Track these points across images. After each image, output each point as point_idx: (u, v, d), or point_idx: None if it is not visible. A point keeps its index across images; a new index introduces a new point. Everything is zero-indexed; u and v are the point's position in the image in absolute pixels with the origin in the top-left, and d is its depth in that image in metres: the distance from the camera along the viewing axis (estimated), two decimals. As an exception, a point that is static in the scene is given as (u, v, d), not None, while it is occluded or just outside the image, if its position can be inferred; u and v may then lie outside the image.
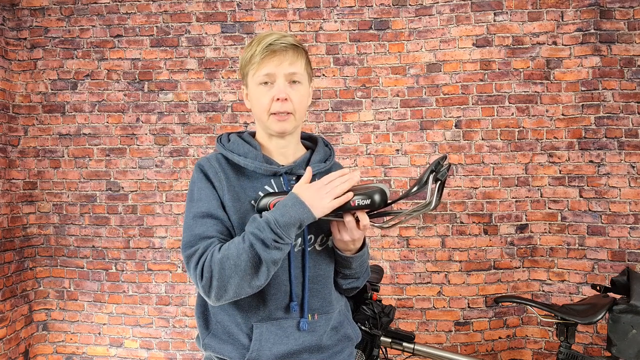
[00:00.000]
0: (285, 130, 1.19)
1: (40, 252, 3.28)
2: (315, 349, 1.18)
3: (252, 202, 1.17)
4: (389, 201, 1.11)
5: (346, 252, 1.21)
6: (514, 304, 3.08)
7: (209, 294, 1.08)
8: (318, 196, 1.05)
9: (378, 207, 1.08)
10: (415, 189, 1.10)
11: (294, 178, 1.22)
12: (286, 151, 1.25)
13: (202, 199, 1.15)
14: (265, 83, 1.17)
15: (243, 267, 1.04)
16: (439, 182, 1.08)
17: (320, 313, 1.20)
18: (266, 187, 1.19)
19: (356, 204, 1.08)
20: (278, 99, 1.15)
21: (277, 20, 3.19)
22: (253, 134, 1.30)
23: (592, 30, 2.97)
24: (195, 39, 3.21)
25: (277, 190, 1.19)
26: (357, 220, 1.10)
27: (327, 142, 1.35)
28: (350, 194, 1.07)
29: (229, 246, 1.07)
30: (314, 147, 1.32)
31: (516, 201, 3.08)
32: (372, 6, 3.15)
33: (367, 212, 1.10)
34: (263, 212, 1.08)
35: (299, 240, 1.19)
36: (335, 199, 1.06)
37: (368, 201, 1.07)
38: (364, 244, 1.24)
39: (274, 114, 1.17)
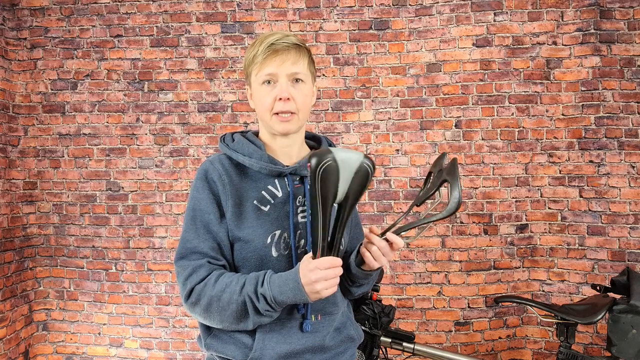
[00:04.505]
0: (289, 130, 1.19)
1: (40, 252, 3.28)
2: (317, 349, 1.17)
3: (255, 201, 1.17)
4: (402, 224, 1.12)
5: (371, 268, 1.18)
6: (514, 304, 3.08)
7: (190, 313, 1.16)
8: (318, 286, 1.04)
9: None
10: (421, 193, 1.12)
11: (297, 178, 1.22)
12: (290, 150, 1.24)
13: (202, 209, 1.16)
14: (268, 82, 1.17)
15: (228, 314, 1.10)
16: (446, 181, 1.07)
17: (324, 314, 1.20)
18: (270, 187, 1.19)
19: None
20: (280, 99, 1.15)
21: (277, 20, 3.19)
22: (256, 134, 1.30)
23: (592, 30, 2.97)
24: (195, 39, 3.21)
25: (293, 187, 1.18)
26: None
27: (331, 141, 1.35)
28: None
29: (224, 288, 1.09)
30: (318, 147, 1.32)
31: (516, 201, 3.08)
32: (372, 6, 3.15)
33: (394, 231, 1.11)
34: (263, 283, 1.07)
35: (302, 241, 1.19)
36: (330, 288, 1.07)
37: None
38: None
39: (277, 113, 1.16)
